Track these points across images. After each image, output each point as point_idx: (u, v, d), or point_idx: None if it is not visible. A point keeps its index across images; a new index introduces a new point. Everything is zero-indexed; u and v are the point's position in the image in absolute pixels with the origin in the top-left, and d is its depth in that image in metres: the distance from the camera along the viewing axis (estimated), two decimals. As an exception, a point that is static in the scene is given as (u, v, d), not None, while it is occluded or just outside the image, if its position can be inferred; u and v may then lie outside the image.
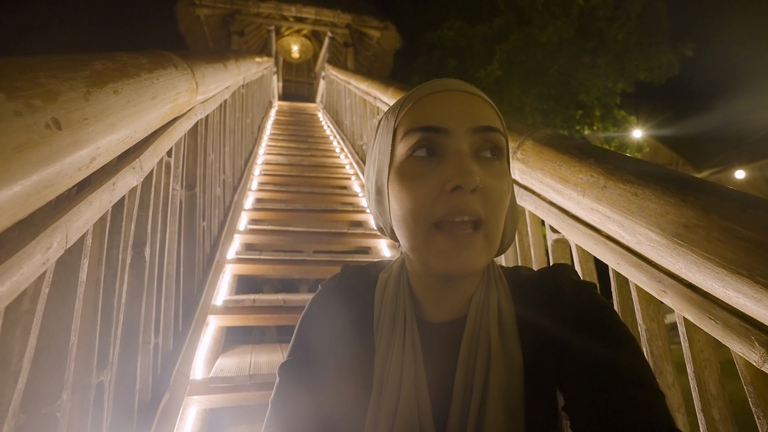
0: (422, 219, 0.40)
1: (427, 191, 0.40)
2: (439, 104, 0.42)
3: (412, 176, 0.41)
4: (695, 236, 0.56)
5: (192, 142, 1.48)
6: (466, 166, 0.38)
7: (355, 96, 3.99)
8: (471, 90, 0.44)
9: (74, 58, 0.58)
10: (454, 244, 0.39)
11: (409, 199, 0.41)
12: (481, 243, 0.40)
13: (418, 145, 0.41)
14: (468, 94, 0.43)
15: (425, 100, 0.43)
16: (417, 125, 0.41)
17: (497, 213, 0.41)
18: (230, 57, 2.03)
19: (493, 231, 0.41)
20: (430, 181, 0.40)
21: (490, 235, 0.40)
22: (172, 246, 1.19)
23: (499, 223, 0.41)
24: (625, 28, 6.90)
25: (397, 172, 0.42)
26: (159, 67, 0.86)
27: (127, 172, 0.80)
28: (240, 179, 2.68)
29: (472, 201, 0.39)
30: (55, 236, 0.54)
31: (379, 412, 0.42)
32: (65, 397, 0.59)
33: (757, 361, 0.54)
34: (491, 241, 0.41)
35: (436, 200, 0.39)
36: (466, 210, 0.39)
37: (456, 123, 0.41)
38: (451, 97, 0.42)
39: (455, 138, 0.40)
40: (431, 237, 0.40)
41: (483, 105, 0.43)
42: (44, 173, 0.45)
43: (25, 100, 0.43)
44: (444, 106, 0.42)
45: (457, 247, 0.39)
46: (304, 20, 8.25)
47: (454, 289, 0.46)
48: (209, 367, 1.49)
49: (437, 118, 0.41)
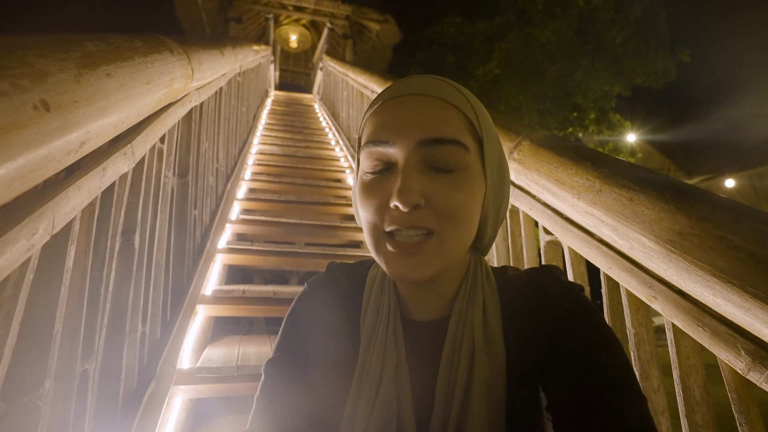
0: (375, 229, 0.41)
1: (376, 204, 0.41)
2: (391, 114, 0.41)
3: (365, 188, 0.42)
4: (688, 244, 0.56)
5: (186, 129, 1.46)
6: (404, 184, 0.38)
7: (353, 89, 3.97)
8: (431, 92, 0.42)
9: (66, 38, 0.57)
10: (399, 252, 0.40)
11: (363, 210, 0.42)
12: (430, 251, 0.40)
13: (371, 158, 0.42)
14: (426, 98, 0.41)
15: (381, 108, 0.43)
16: (368, 138, 0.42)
17: (452, 222, 0.40)
18: (227, 44, 2.00)
19: (449, 238, 0.40)
20: (378, 195, 0.41)
21: (444, 243, 0.40)
22: (162, 234, 1.18)
23: (455, 231, 0.40)
24: (624, 32, 6.92)
25: (359, 182, 0.44)
26: (154, 51, 0.84)
27: (118, 157, 0.78)
28: (233, 168, 2.65)
29: (417, 216, 0.39)
30: (42, 221, 0.52)
31: (359, 399, 0.42)
32: (48, 386, 0.58)
33: (743, 369, 0.54)
34: (446, 248, 0.40)
35: (384, 214, 0.40)
36: (411, 225, 0.39)
37: (403, 136, 0.40)
38: (403, 104, 0.41)
39: (401, 152, 0.40)
40: (382, 244, 0.41)
41: (441, 110, 0.41)
42: (31, 156, 0.44)
43: (12, 80, 0.41)
44: (395, 117, 0.41)
45: (404, 255, 0.40)
46: (303, 9, 8.16)
47: (431, 290, 0.46)
48: (197, 356, 1.48)
49: (384, 132, 0.41)
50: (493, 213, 0.46)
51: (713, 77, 12.61)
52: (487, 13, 7.71)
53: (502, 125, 1.06)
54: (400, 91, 0.43)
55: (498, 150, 0.46)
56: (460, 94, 0.43)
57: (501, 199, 0.47)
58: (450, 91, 0.43)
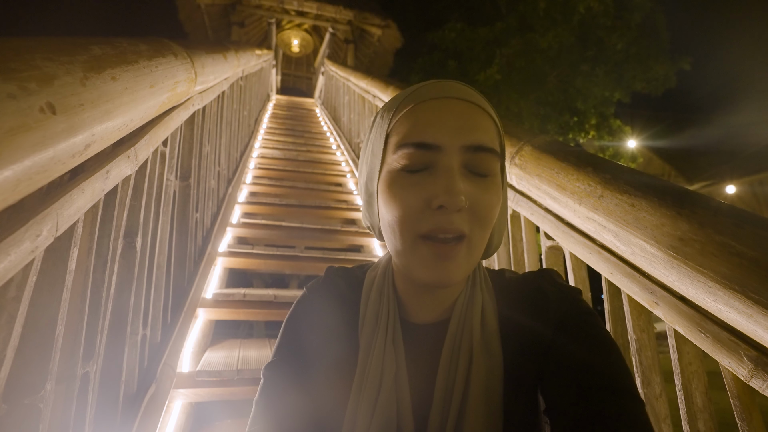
0: (408, 229, 0.40)
1: (414, 204, 0.40)
2: (433, 116, 0.41)
3: (400, 186, 0.41)
4: (690, 250, 0.56)
5: (188, 132, 1.47)
6: (453, 186, 0.38)
7: (354, 93, 3.98)
8: (470, 98, 0.42)
9: (72, 41, 0.57)
10: (436, 254, 0.39)
11: (396, 209, 0.41)
12: (463, 255, 0.40)
13: (410, 156, 0.41)
14: (466, 104, 0.42)
15: (420, 108, 0.42)
16: (409, 140, 0.41)
17: (482, 227, 0.41)
18: (230, 48, 2.01)
19: (477, 243, 0.41)
20: (418, 194, 0.40)
21: (472, 247, 0.41)
22: (164, 237, 1.18)
23: (483, 236, 0.41)
24: (624, 39, 6.95)
25: (387, 179, 0.42)
26: (158, 55, 0.84)
27: (121, 160, 0.78)
28: (235, 172, 2.66)
29: (457, 219, 0.39)
30: (45, 223, 0.53)
31: (359, 405, 0.42)
32: (49, 388, 0.58)
33: (745, 375, 0.54)
34: (473, 253, 0.41)
35: (423, 215, 0.40)
36: (450, 229, 0.39)
37: (449, 139, 0.40)
38: (447, 108, 0.41)
39: (446, 155, 0.40)
40: (416, 247, 0.40)
41: (480, 116, 0.42)
42: (37, 158, 0.44)
43: (20, 83, 0.42)
44: (438, 119, 0.41)
45: (440, 258, 0.39)
46: (305, 14, 8.21)
47: (437, 293, 0.46)
48: (197, 360, 1.47)
49: (430, 134, 0.40)
50: (500, 220, 0.47)
51: (713, 83, 12.65)
52: (489, 18, 7.75)
53: (504, 130, 1.06)
54: (437, 93, 0.42)
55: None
56: (488, 103, 0.44)
57: (505, 206, 0.48)
58: (484, 101, 0.44)
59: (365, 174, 0.47)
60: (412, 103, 0.42)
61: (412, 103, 0.42)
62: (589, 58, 7.21)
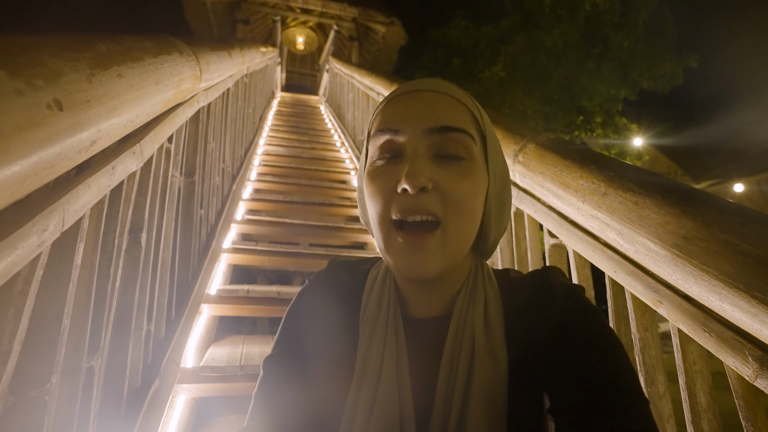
0: (383, 218, 0.42)
1: (385, 191, 0.42)
2: (401, 106, 0.44)
3: (374, 177, 0.43)
4: (694, 248, 0.56)
5: (193, 129, 1.47)
6: (413, 167, 0.39)
7: (358, 90, 3.98)
8: (440, 88, 0.44)
9: (78, 38, 0.57)
10: (406, 244, 0.40)
11: (372, 199, 0.43)
12: (435, 244, 0.40)
13: (381, 147, 0.43)
14: (435, 93, 0.43)
15: (393, 102, 0.45)
16: (378, 128, 0.44)
17: (457, 212, 0.41)
18: (235, 45, 2.01)
19: (453, 231, 0.41)
20: (387, 181, 0.41)
21: (448, 235, 0.41)
22: (169, 233, 1.19)
23: (460, 224, 0.41)
24: (631, 36, 6.88)
25: (367, 173, 0.44)
26: (164, 52, 0.85)
27: (127, 156, 0.79)
28: (239, 169, 2.67)
29: (425, 200, 0.40)
30: (52, 218, 0.53)
31: (359, 397, 0.42)
32: (55, 381, 0.58)
33: (750, 375, 0.54)
34: (449, 242, 0.41)
35: (392, 200, 0.41)
36: (418, 209, 0.40)
37: (412, 124, 0.42)
38: (414, 98, 0.44)
39: (411, 139, 0.41)
40: (390, 236, 0.42)
41: (449, 104, 0.43)
42: (44, 154, 0.45)
43: (27, 79, 0.42)
44: (404, 108, 0.43)
45: (410, 248, 0.40)
46: (310, 12, 8.21)
47: (432, 289, 0.46)
48: (200, 355, 1.48)
49: (395, 120, 0.43)
50: (496, 212, 0.47)
51: (721, 81, 12.53)
52: (493, 16, 7.70)
53: (507, 128, 1.06)
54: (409, 88, 0.45)
55: (499, 149, 0.48)
56: (464, 93, 0.46)
57: (503, 199, 0.48)
58: (456, 90, 0.45)
59: (358, 176, 0.50)
60: (386, 101, 0.46)
61: (387, 101, 0.46)
62: (595, 55, 7.15)
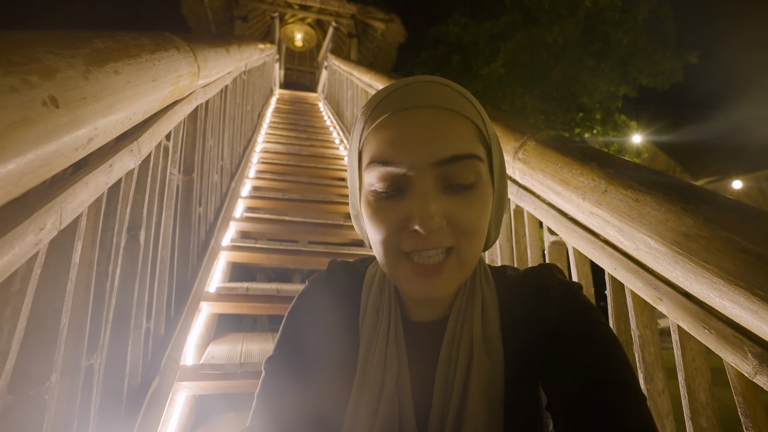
0: (390, 248, 0.40)
1: (393, 226, 0.39)
2: (398, 131, 0.38)
3: (377, 209, 0.40)
4: (695, 245, 0.56)
5: (191, 126, 1.47)
6: (425, 210, 0.36)
7: (357, 88, 3.97)
8: (440, 103, 0.39)
9: (74, 34, 0.57)
10: (420, 273, 0.39)
11: (376, 229, 0.40)
12: (451, 269, 0.39)
13: (379, 180, 0.39)
14: (434, 110, 0.39)
15: (385, 124, 0.39)
16: (376, 158, 0.39)
17: (470, 238, 0.40)
18: (233, 42, 2.00)
19: (466, 254, 0.40)
20: (394, 217, 0.39)
21: (462, 258, 0.40)
22: (168, 231, 1.18)
23: (473, 246, 0.40)
24: (631, 33, 6.86)
25: (366, 200, 0.41)
26: (161, 49, 0.84)
27: (124, 154, 0.78)
28: (238, 166, 2.66)
29: (437, 238, 0.38)
30: (49, 217, 0.53)
31: (360, 402, 0.43)
32: (54, 380, 0.58)
33: (749, 372, 0.54)
34: (464, 264, 0.40)
35: (401, 235, 0.39)
36: (431, 246, 0.38)
37: (416, 156, 0.37)
38: (412, 120, 0.38)
39: (417, 174, 0.38)
40: (400, 263, 0.40)
41: (452, 122, 0.39)
42: (39, 152, 0.44)
43: (22, 76, 0.42)
44: (404, 135, 0.38)
45: (424, 277, 0.39)
46: (308, 8, 8.17)
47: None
48: (200, 353, 1.48)
49: (394, 152, 0.38)
50: (496, 215, 0.46)
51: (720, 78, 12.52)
52: (493, 12, 7.67)
53: (507, 125, 1.06)
54: (404, 103, 0.39)
55: (499, 148, 0.45)
56: (466, 100, 0.41)
57: (503, 200, 0.47)
58: (457, 99, 0.40)
59: (349, 189, 0.47)
60: (377, 118, 0.40)
61: (377, 117, 0.40)
62: (595, 52, 7.13)
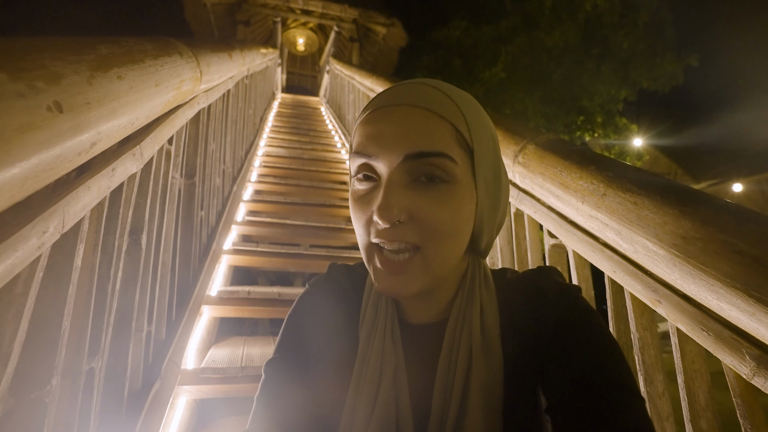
0: (364, 241, 0.42)
1: (364, 218, 0.41)
2: (375, 126, 0.41)
3: (355, 200, 0.43)
4: (692, 248, 0.56)
5: (193, 130, 1.48)
6: (384, 201, 0.38)
7: (359, 92, 3.98)
8: (419, 102, 0.40)
9: (79, 41, 0.58)
10: (385, 268, 0.40)
11: (355, 220, 0.43)
12: (415, 269, 0.40)
13: (359, 168, 0.42)
14: (412, 109, 0.40)
15: (368, 119, 0.42)
16: (355, 149, 0.42)
17: (436, 238, 0.40)
18: (235, 47, 2.02)
19: (432, 256, 0.40)
20: (365, 208, 0.41)
21: (428, 260, 0.40)
22: (169, 234, 1.19)
23: (440, 247, 0.40)
24: (631, 36, 6.88)
25: (350, 193, 0.44)
26: (164, 54, 0.85)
27: (127, 158, 0.79)
28: (240, 170, 2.67)
29: (401, 231, 0.39)
30: (52, 220, 0.53)
31: (357, 401, 0.43)
32: (55, 383, 0.58)
33: (747, 374, 0.54)
34: (430, 265, 0.40)
35: (370, 227, 0.41)
36: (395, 239, 0.39)
37: (386, 150, 0.39)
38: (390, 116, 0.40)
39: (385, 167, 0.40)
40: (372, 255, 0.42)
41: (427, 123, 0.39)
42: (44, 156, 0.45)
43: (28, 82, 0.42)
44: (379, 129, 0.40)
45: (389, 273, 0.40)
46: (310, 13, 8.22)
47: (426, 298, 0.47)
48: (201, 357, 1.49)
49: (369, 145, 0.40)
50: (488, 220, 0.46)
51: (721, 81, 12.53)
52: (494, 16, 7.71)
53: (507, 129, 1.07)
54: (387, 100, 0.42)
55: (493, 157, 0.45)
56: (451, 102, 0.41)
57: (497, 204, 0.46)
58: (439, 100, 0.41)
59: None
60: (364, 114, 0.43)
61: (364, 113, 0.43)
62: (595, 56, 7.15)
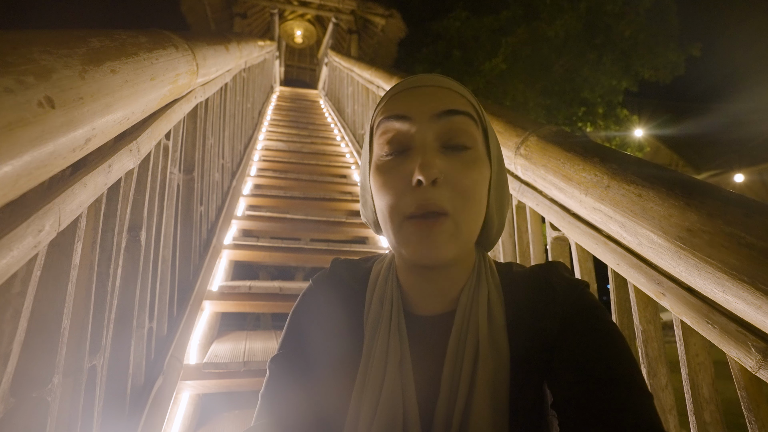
0: (396, 212, 0.42)
1: (397, 185, 0.42)
2: (405, 98, 0.45)
3: (384, 171, 0.43)
4: (698, 241, 0.55)
5: (191, 125, 1.46)
6: (425, 159, 0.40)
7: (358, 84, 3.95)
8: (440, 84, 0.45)
9: (70, 34, 0.56)
10: (420, 231, 0.40)
11: (384, 194, 0.43)
12: (449, 231, 0.40)
13: (389, 142, 0.43)
14: (435, 88, 0.45)
15: (395, 97, 0.45)
16: (385, 114, 0.45)
17: (466, 202, 0.41)
18: (232, 39, 2.00)
19: (462, 219, 0.41)
20: (399, 175, 0.42)
21: (459, 223, 0.41)
22: (169, 230, 1.18)
23: (469, 212, 0.42)
24: (633, 25, 6.81)
25: (375, 167, 0.45)
26: (159, 47, 0.83)
27: (123, 154, 0.78)
28: (239, 164, 2.66)
29: (436, 195, 0.40)
30: (48, 218, 0.53)
31: (363, 393, 0.43)
32: (56, 381, 0.58)
33: (753, 366, 0.54)
34: (461, 229, 0.41)
35: (405, 195, 0.41)
36: (429, 206, 0.40)
37: (418, 111, 0.43)
38: (418, 91, 0.45)
39: (419, 127, 0.42)
40: (403, 226, 0.42)
41: (450, 94, 0.45)
42: (36, 153, 0.44)
43: (17, 77, 0.41)
44: (410, 98, 0.44)
45: (424, 234, 0.40)
46: (308, 5, 8.13)
47: (437, 283, 0.46)
48: (203, 352, 1.49)
49: (401, 107, 0.44)
50: (497, 203, 0.47)
51: (723, 71, 12.44)
52: (494, 7, 7.62)
53: (509, 121, 1.05)
54: (410, 84, 0.46)
55: (498, 143, 0.49)
56: (465, 89, 0.47)
57: (503, 191, 0.48)
58: (456, 84, 0.47)
59: (361, 172, 0.50)
60: (389, 97, 0.46)
61: (389, 96, 0.47)
62: (596, 46, 7.08)
